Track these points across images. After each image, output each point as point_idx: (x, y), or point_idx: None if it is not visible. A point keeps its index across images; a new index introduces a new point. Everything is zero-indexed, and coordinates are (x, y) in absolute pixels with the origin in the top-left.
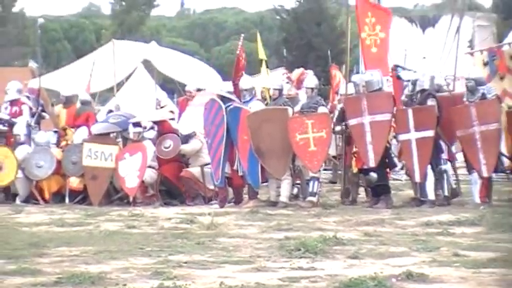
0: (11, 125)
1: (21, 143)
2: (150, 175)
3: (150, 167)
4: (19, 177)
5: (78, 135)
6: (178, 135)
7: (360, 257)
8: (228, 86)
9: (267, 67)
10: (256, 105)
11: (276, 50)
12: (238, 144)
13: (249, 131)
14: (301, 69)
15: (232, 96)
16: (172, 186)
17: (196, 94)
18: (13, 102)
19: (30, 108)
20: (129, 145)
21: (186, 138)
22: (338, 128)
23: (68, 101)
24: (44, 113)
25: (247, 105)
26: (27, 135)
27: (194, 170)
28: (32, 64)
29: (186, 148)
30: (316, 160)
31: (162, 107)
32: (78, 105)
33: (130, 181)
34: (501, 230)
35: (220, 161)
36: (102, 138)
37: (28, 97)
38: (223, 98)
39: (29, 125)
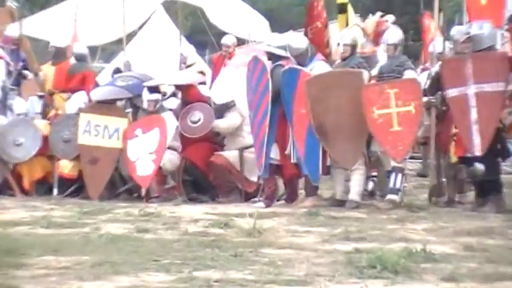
0: None
1: None
2: (171, 160)
3: (170, 148)
4: None
5: (72, 102)
6: (210, 106)
7: (457, 279)
8: (280, 39)
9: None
10: (319, 67)
11: None
12: (293, 121)
13: (309, 101)
14: (378, 15)
15: (286, 54)
16: (200, 176)
17: (235, 50)
18: None
19: (7, 64)
20: (143, 118)
21: (221, 110)
22: (432, 100)
23: (59, 55)
24: (25, 71)
25: (308, 67)
26: (1, 101)
27: (230, 155)
28: (11, 3)
29: (221, 124)
30: (401, 145)
31: (188, 66)
32: (72, 61)
33: (143, 167)
34: None
35: (264, 143)
36: (106, 107)
37: (3, 48)
38: (273, 56)
39: (4, 88)
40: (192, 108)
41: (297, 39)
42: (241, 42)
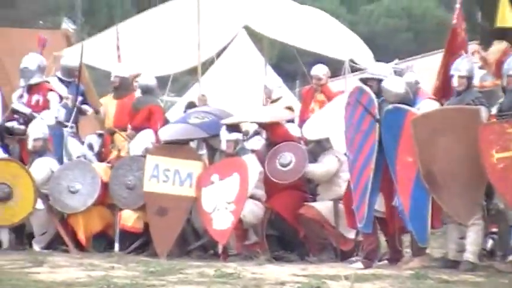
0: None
1: (42, 154)
2: (253, 211)
3: (252, 197)
4: (38, 210)
5: (138, 142)
6: (301, 146)
7: None
8: (385, 68)
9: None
10: (427, 105)
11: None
12: (397, 170)
13: (416, 145)
14: (505, 44)
15: None
16: (288, 231)
17: (327, 80)
18: (34, 88)
19: (61, 98)
20: (220, 161)
21: (314, 153)
22: None
23: (122, 87)
24: (85, 106)
25: (415, 107)
26: (58, 140)
27: (323, 206)
28: (67, 24)
29: (317, 169)
30: None
31: (274, 101)
32: (137, 94)
33: (220, 220)
34: None
35: (366, 191)
36: (177, 148)
37: (61, 80)
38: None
39: (59, 124)
40: (282, 149)
41: (395, 82)
42: (336, 73)
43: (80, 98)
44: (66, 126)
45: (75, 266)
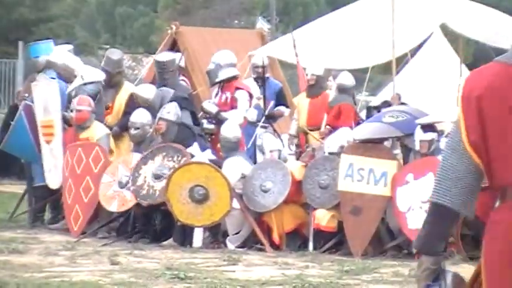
0: (221, 122)
1: (233, 154)
2: None
3: None
4: (234, 209)
5: (334, 140)
6: None
7: None
8: None
9: None
10: None
11: None
12: None
13: None
14: None
15: None
16: (483, 230)
17: None
18: (225, 86)
19: (251, 96)
20: (415, 161)
21: None
22: None
23: (317, 86)
24: (281, 107)
25: None
26: (249, 139)
27: None
28: (261, 24)
29: None
30: None
31: None
32: (332, 93)
33: (415, 219)
34: None
35: None
36: (372, 148)
37: (255, 79)
38: None
39: (251, 124)
40: None
41: None
42: None
43: (271, 103)
44: (257, 126)
45: (269, 264)
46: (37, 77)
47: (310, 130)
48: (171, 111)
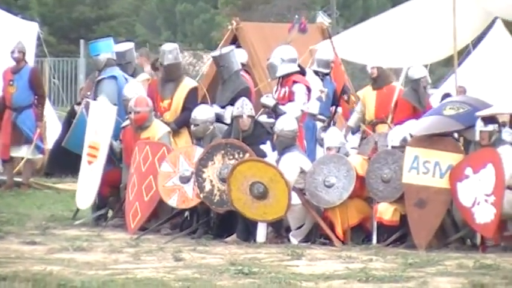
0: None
1: (290, 149)
2: (510, 201)
3: (510, 188)
4: (294, 205)
5: (396, 134)
6: None
7: None
8: None
9: None
10: None
11: None
12: None
13: None
14: None
15: None
16: None
17: None
18: (284, 81)
19: (309, 90)
20: (472, 153)
21: None
22: None
23: (381, 78)
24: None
25: None
26: (310, 133)
27: None
28: (322, 18)
29: None
30: None
31: None
32: (399, 86)
33: (481, 213)
34: None
35: None
36: (437, 140)
37: (316, 73)
38: None
39: (311, 117)
40: None
41: None
42: None
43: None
44: (319, 120)
45: (333, 258)
46: (99, 97)
47: (378, 123)
48: (252, 108)
